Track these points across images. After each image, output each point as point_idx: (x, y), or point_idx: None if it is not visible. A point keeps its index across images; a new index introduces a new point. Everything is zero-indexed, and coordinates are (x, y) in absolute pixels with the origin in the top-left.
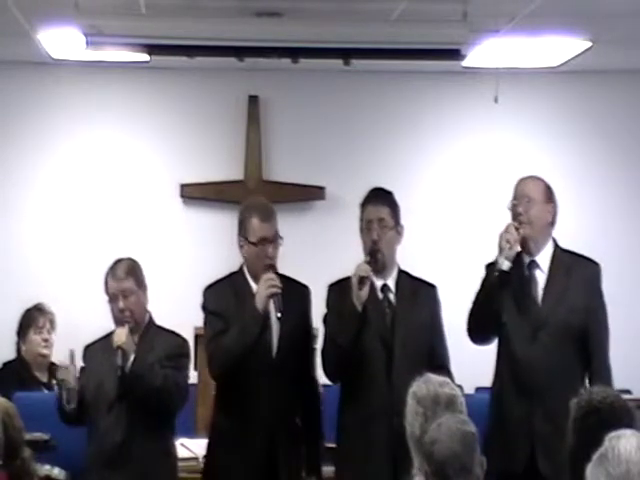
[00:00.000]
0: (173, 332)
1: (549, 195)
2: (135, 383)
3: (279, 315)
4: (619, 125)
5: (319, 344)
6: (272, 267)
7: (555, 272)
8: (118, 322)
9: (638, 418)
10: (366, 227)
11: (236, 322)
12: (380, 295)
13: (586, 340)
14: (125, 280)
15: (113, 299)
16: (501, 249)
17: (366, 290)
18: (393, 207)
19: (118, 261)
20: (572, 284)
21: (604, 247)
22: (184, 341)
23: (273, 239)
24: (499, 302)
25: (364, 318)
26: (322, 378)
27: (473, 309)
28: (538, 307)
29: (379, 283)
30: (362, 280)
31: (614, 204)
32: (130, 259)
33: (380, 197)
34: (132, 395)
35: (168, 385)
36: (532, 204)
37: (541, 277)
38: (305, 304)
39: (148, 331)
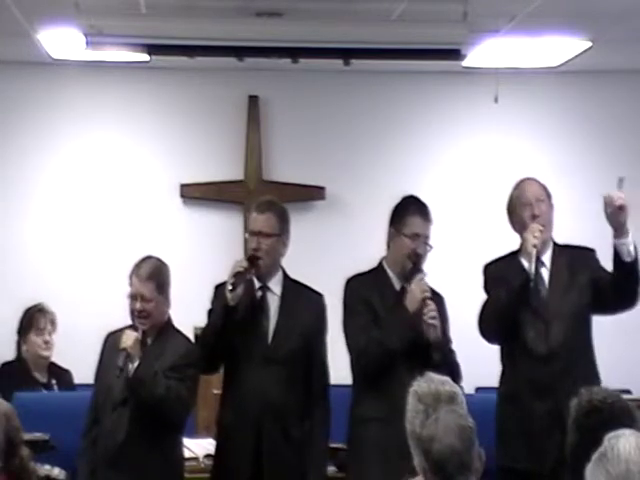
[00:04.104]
0: (187, 338)
1: (551, 195)
2: (136, 389)
3: (230, 287)
4: (619, 125)
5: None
6: (252, 257)
7: (557, 268)
8: (133, 320)
9: (638, 418)
10: (412, 241)
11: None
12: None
13: (600, 287)
14: (146, 283)
15: (132, 298)
16: (529, 254)
17: None
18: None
19: (146, 259)
20: (576, 273)
21: (604, 247)
22: (194, 350)
23: (260, 232)
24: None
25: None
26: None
27: (495, 312)
28: (547, 304)
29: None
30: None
31: None
32: (158, 260)
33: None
34: (134, 400)
35: (170, 397)
36: (544, 205)
37: (546, 275)
38: (317, 310)
39: (162, 334)
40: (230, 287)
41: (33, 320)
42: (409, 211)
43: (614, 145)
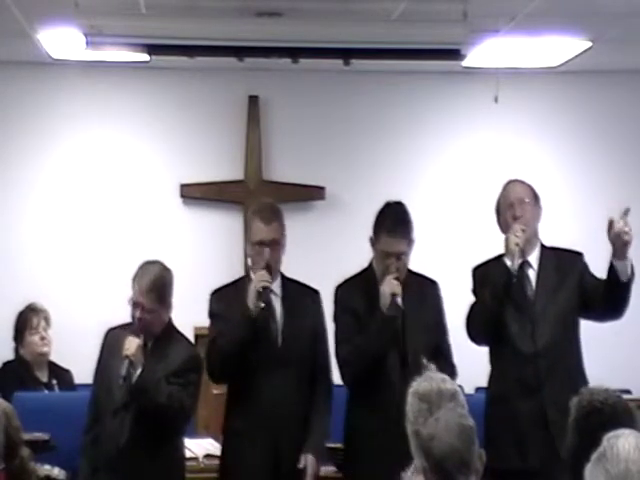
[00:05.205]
0: (189, 342)
1: (538, 197)
2: (139, 396)
3: (262, 305)
4: (619, 125)
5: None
6: (267, 267)
7: (545, 269)
8: (134, 323)
9: (638, 418)
10: (385, 257)
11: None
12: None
13: (588, 294)
14: (147, 295)
15: (132, 305)
16: (511, 253)
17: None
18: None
19: (149, 266)
20: (564, 275)
21: (604, 247)
22: (197, 355)
23: (271, 243)
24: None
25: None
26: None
27: (482, 314)
28: (534, 304)
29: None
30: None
31: (614, 204)
32: (161, 267)
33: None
34: (136, 406)
35: (172, 404)
36: (528, 206)
37: (532, 276)
38: (315, 307)
39: (163, 338)
40: (262, 305)
41: (26, 321)
42: (383, 227)
43: (614, 145)
